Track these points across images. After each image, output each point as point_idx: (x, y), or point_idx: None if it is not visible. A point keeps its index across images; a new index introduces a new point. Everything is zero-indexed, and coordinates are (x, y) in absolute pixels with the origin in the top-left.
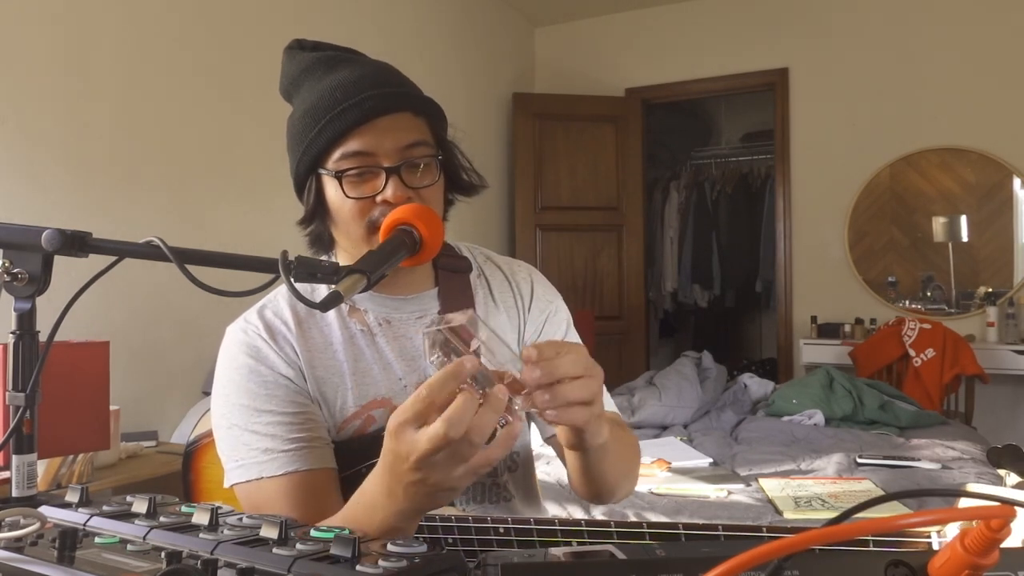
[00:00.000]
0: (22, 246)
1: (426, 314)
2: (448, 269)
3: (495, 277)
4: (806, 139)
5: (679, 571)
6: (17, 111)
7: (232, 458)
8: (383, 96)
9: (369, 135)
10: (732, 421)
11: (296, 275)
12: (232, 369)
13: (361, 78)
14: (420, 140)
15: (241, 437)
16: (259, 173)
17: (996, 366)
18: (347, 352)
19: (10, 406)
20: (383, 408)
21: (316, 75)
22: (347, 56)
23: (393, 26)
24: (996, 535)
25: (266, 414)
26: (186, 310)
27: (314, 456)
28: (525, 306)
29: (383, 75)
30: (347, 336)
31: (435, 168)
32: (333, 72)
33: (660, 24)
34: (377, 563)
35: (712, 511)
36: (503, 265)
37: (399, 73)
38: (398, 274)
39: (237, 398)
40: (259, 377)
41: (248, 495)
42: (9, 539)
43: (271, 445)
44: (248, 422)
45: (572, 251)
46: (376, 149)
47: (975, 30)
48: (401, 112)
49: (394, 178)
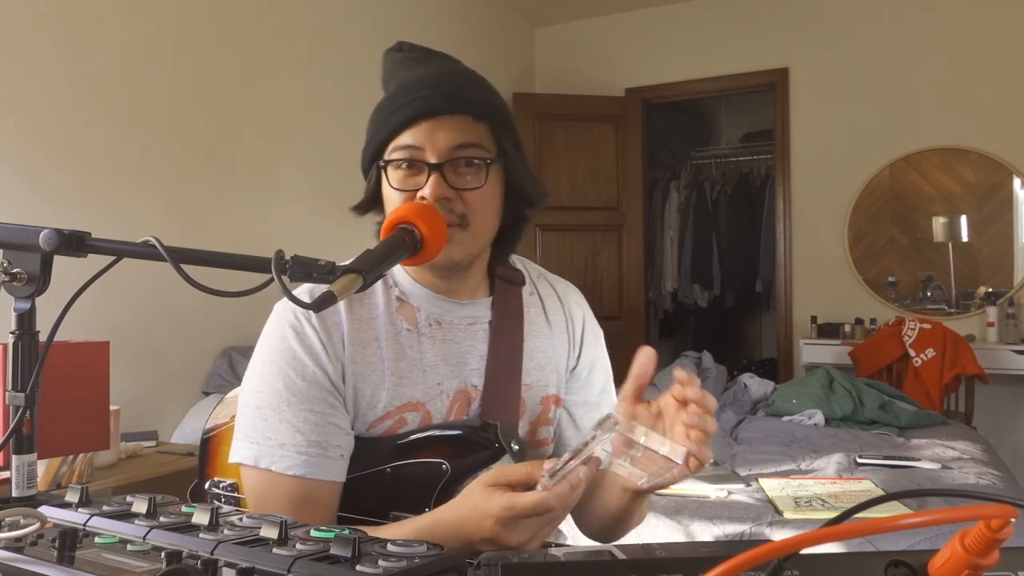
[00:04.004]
0: (21, 246)
1: (477, 322)
2: (504, 279)
3: (549, 298)
4: (806, 139)
5: (679, 571)
6: (17, 111)
7: (248, 436)
8: (440, 96)
9: (422, 131)
10: (732, 421)
11: (292, 274)
12: (276, 350)
13: (427, 78)
14: (472, 142)
15: (265, 421)
16: (259, 173)
17: (996, 366)
18: (389, 349)
19: (10, 406)
20: (416, 412)
21: (398, 73)
22: (430, 57)
23: (393, 26)
24: (996, 535)
25: (296, 407)
26: (186, 310)
27: (326, 467)
28: (576, 338)
29: (450, 77)
30: (392, 332)
31: (483, 172)
32: (411, 71)
33: (660, 24)
34: (377, 563)
35: (712, 511)
36: (555, 285)
37: (474, 78)
38: (458, 275)
39: (273, 380)
40: (300, 366)
41: (252, 480)
42: (9, 539)
43: (289, 440)
44: (277, 408)
45: (572, 251)
46: (425, 145)
47: (975, 30)
48: (459, 114)
49: (436, 175)
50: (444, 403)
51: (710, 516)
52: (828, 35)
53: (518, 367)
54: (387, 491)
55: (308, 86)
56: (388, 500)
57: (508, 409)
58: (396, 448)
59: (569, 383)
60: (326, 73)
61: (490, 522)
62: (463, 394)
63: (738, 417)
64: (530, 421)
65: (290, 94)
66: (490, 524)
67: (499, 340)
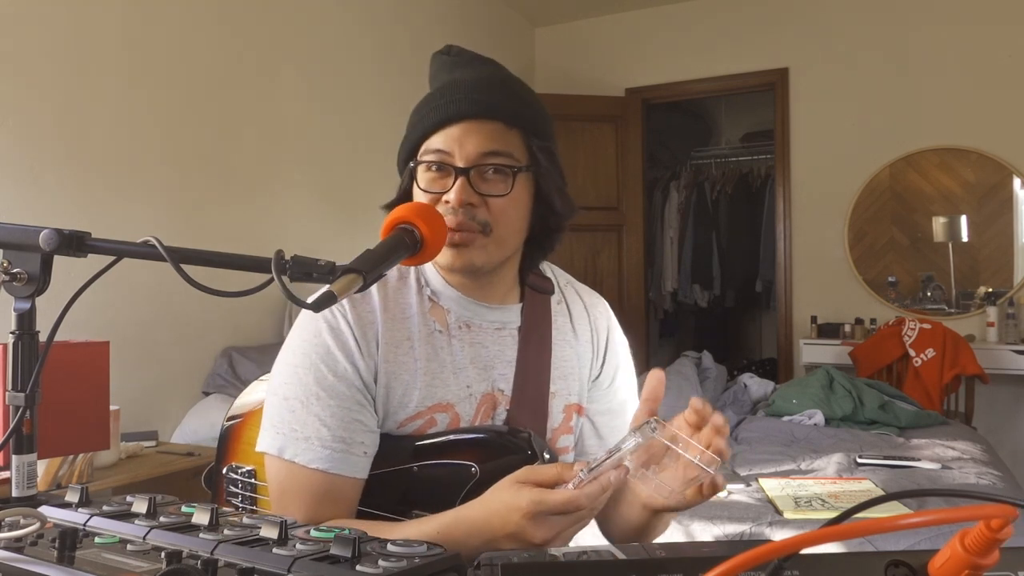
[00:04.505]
0: (21, 246)
1: (506, 327)
2: (534, 288)
3: (576, 307)
4: (806, 139)
5: (679, 571)
6: (17, 111)
7: (275, 426)
8: (472, 101)
9: (452, 135)
10: (732, 421)
11: (292, 274)
12: (310, 344)
13: (463, 82)
14: (501, 150)
15: (293, 413)
16: (259, 173)
17: (996, 366)
18: (422, 349)
19: (10, 406)
20: (446, 413)
21: (440, 76)
22: (472, 62)
23: (393, 27)
24: (996, 535)
25: (324, 401)
26: (186, 310)
27: (350, 463)
28: (600, 348)
29: (488, 82)
30: (425, 333)
31: (510, 180)
32: (451, 73)
33: (660, 24)
34: (377, 563)
35: (712, 511)
36: (582, 294)
37: (512, 85)
38: (486, 279)
39: (304, 373)
40: (332, 361)
41: (275, 470)
42: (9, 539)
43: (315, 434)
44: (306, 401)
45: (572, 251)
46: (454, 149)
47: (975, 30)
48: (489, 120)
49: (461, 180)
50: (472, 406)
51: (710, 516)
52: (828, 35)
53: (547, 375)
54: (412, 489)
55: (308, 86)
56: (412, 499)
57: (536, 416)
58: (425, 448)
59: (591, 392)
60: (326, 73)
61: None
62: (490, 398)
63: (738, 417)
64: (552, 428)
65: (290, 94)
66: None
67: (528, 347)
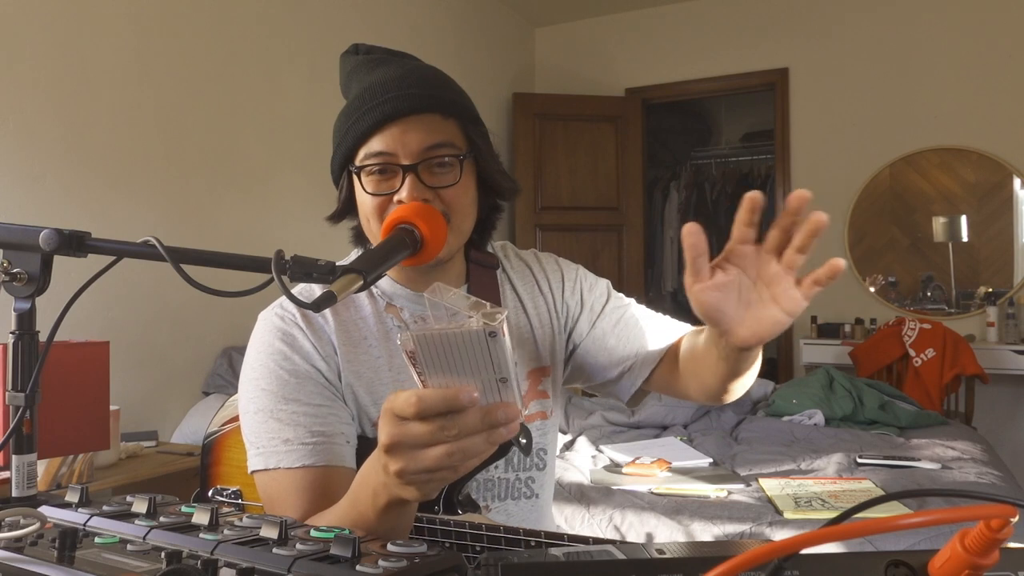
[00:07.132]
0: (21, 246)
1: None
2: (478, 264)
3: (518, 272)
4: (806, 139)
5: (679, 571)
6: (17, 111)
7: (254, 444)
8: (406, 97)
9: (391, 135)
10: (732, 421)
11: (292, 275)
12: (265, 354)
13: (391, 80)
14: (444, 141)
15: (265, 423)
16: (259, 173)
17: (996, 366)
18: (383, 347)
19: (10, 406)
20: None
21: (359, 77)
22: (391, 59)
23: (393, 27)
24: (996, 535)
25: (292, 403)
26: (186, 310)
27: (333, 453)
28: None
29: (415, 77)
30: (383, 331)
31: (457, 169)
32: (372, 74)
33: (660, 24)
34: (377, 563)
35: (712, 511)
36: (527, 259)
37: (437, 75)
38: (440, 269)
39: (267, 383)
40: (291, 365)
41: (264, 485)
42: (9, 539)
43: (292, 435)
44: (274, 409)
45: (572, 251)
46: (397, 148)
47: (975, 30)
48: (427, 113)
49: (411, 177)
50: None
51: (710, 516)
52: (828, 35)
53: None
54: None
55: (308, 86)
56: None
57: None
58: None
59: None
60: (326, 73)
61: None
62: None
63: (738, 417)
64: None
65: (290, 94)
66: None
67: None
